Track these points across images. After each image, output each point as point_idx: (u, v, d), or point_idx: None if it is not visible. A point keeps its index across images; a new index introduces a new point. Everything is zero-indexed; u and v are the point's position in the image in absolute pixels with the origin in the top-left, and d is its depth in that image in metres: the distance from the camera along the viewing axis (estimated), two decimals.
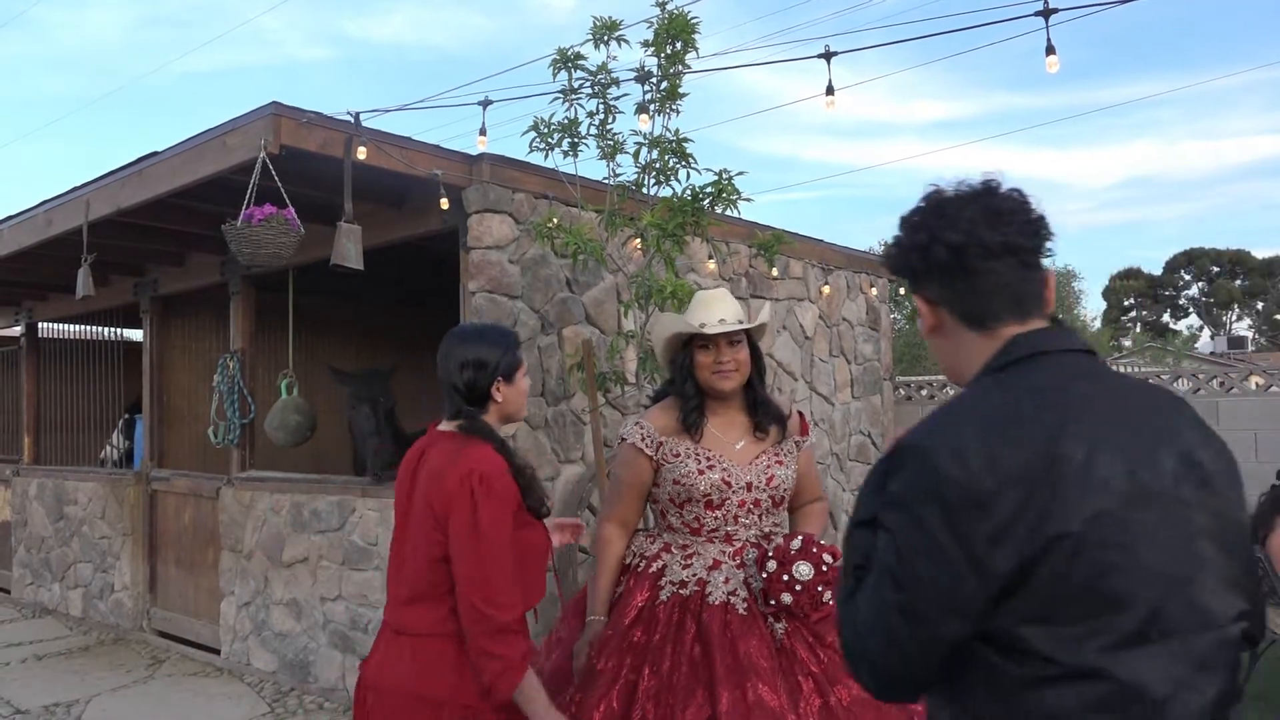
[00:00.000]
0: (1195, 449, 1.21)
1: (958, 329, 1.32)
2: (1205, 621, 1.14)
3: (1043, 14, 3.79)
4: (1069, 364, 1.24)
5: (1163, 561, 1.14)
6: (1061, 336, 1.28)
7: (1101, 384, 1.24)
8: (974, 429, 1.17)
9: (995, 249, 1.27)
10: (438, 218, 4.86)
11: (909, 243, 1.34)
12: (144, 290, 7.11)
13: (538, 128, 4.57)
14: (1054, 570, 1.11)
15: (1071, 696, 1.12)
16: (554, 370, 5.06)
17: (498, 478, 2.08)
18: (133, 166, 5.04)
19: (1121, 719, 1.11)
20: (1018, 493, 1.12)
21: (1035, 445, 1.14)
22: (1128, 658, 1.11)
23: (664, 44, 4.48)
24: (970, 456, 1.14)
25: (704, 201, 4.56)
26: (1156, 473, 1.16)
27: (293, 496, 5.59)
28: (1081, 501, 1.12)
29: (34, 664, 6.21)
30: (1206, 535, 1.17)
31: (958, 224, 1.28)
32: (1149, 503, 1.15)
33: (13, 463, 8.72)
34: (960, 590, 1.14)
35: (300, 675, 5.44)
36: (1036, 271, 1.31)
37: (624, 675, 2.31)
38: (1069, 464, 1.13)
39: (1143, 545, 1.13)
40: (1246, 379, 7.46)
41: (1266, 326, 48.31)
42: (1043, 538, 1.11)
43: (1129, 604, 1.12)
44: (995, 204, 1.29)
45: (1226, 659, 1.16)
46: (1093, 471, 1.13)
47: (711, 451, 2.53)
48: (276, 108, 4.17)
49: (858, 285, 7.91)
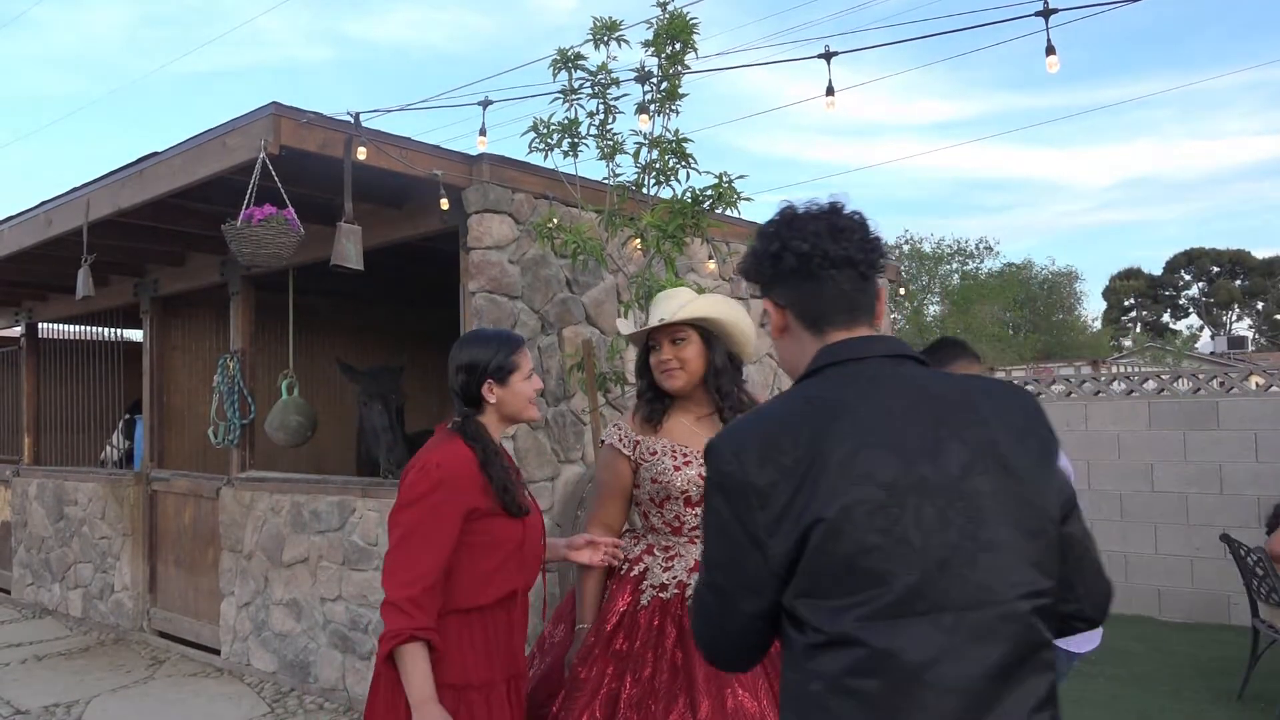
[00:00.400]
0: (1002, 443, 1.34)
1: (799, 330, 1.48)
2: (983, 598, 1.26)
3: (1043, 14, 3.80)
4: (869, 369, 1.39)
5: (934, 544, 1.27)
6: (873, 344, 1.43)
7: (893, 387, 1.37)
8: (754, 432, 1.35)
9: (836, 259, 1.44)
10: (438, 218, 4.86)
11: (763, 250, 1.50)
12: (144, 290, 7.11)
13: (537, 128, 4.57)
14: (818, 551, 1.27)
15: (836, 661, 1.27)
16: (554, 370, 5.06)
17: (447, 470, 2.20)
18: (133, 167, 5.04)
19: (878, 682, 1.24)
20: (789, 485, 1.29)
21: (802, 445, 1.31)
22: (883, 628, 1.25)
23: (664, 44, 4.49)
24: (747, 455, 1.32)
25: (704, 204, 4.56)
26: (939, 465, 1.30)
27: (293, 497, 5.59)
28: (839, 492, 1.27)
29: (34, 664, 6.21)
30: (1002, 520, 1.30)
31: (805, 235, 1.45)
32: (925, 492, 1.28)
33: (13, 463, 8.73)
34: (749, 569, 1.32)
35: (300, 675, 5.44)
36: (871, 284, 1.48)
37: (606, 684, 2.30)
38: (830, 460, 1.29)
39: (910, 529, 1.27)
40: (1246, 379, 7.46)
41: (1266, 326, 48.31)
42: (806, 523, 1.27)
43: (887, 581, 1.25)
44: (839, 221, 1.46)
45: (1010, 632, 1.27)
46: (854, 466, 1.28)
47: (688, 448, 2.52)
48: (276, 108, 4.17)
49: None
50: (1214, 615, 6.87)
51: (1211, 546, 6.71)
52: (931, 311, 26.74)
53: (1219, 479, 6.92)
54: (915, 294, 26.07)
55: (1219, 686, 5.27)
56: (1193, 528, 7.00)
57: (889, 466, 1.29)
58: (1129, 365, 22.40)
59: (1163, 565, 7.12)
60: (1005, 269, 28.74)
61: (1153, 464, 7.18)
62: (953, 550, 1.27)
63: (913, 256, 27.04)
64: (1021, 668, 1.28)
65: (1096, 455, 7.41)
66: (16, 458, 8.80)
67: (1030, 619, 1.29)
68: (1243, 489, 6.82)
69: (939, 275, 27.28)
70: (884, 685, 1.25)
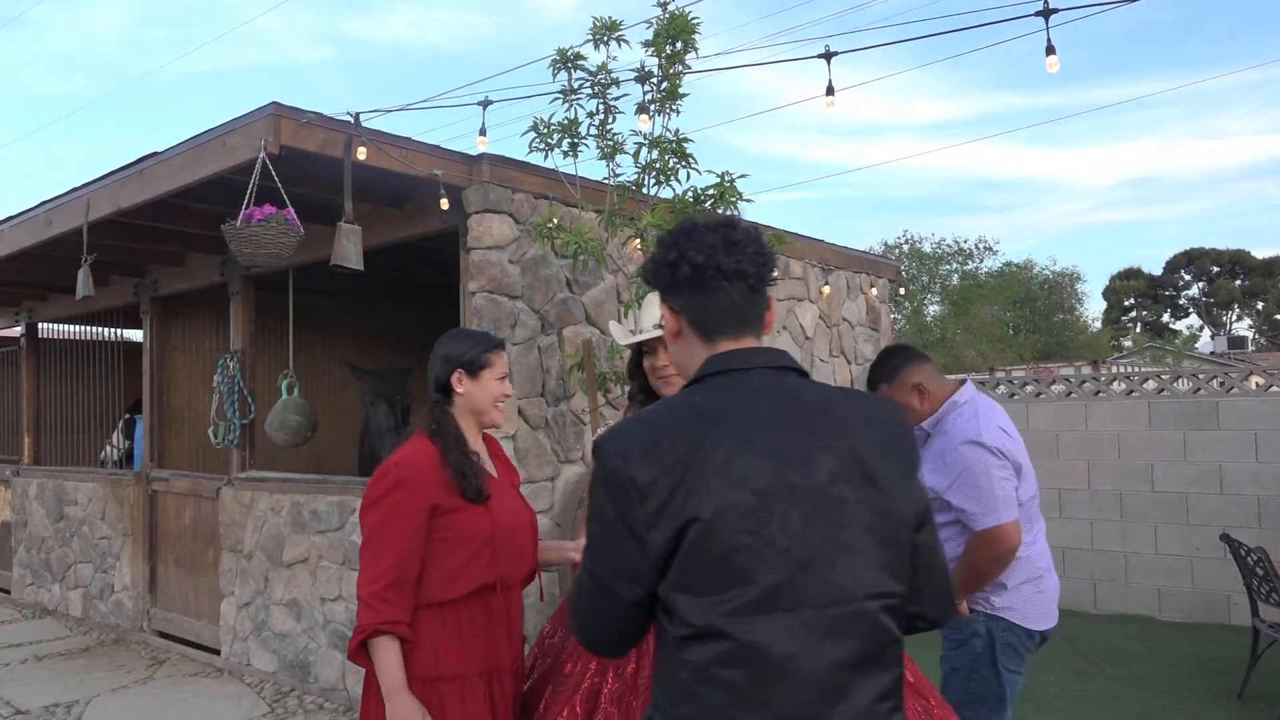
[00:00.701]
0: (867, 455, 1.44)
1: (692, 336, 1.57)
2: (839, 597, 1.38)
3: (1043, 14, 3.80)
4: (753, 380, 1.49)
5: (798, 546, 1.38)
6: (757, 355, 1.52)
7: (772, 398, 1.47)
8: (639, 433, 1.45)
9: (728, 272, 1.52)
10: (438, 218, 4.86)
11: (662, 258, 1.58)
12: (144, 290, 7.11)
13: (538, 128, 4.57)
14: (692, 548, 1.37)
15: (705, 652, 1.37)
16: (554, 370, 5.06)
17: (405, 469, 2.29)
18: (133, 167, 5.04)
19: (744, 673, 1.35)
20: (668, 484, 1.38)
21: (683, 448, 1.40)
22: (748, 622, 1.35)
23: (664, 44, 4.48)
24: (631, 454, 1.42)
25: (706, 203, 4.56)
26: (808, 474, 1.40)
27: (293, 497, 5.59)
28: (715, 494, 1.37)
29: (34, 664, 6.21)
30: (861, 527, 1.41)
31: (701, 247, 1.53)
32: (794, 498, 1.39)
33: (13, 463, 8.73)
34: (628, 558, 1.41)
35: (300, 675, 5.44)
36: (760, 297, 1.56)
37: (589, 679, 2.29)
38: (708, 463, 1.39)
39: (777, 532, 1.37)
40: (1246, 379, 7.46)
41: (1266, 326, 48.30)
42: (683, 520, 1.37)
43: (752, 579, 1.36)
44: (734, 236, 1.55)
45: (862, 629, 1.39)
46: (730, 471, 1.38)
47: None
48: (276, 108, 4.17)
49: (858, 285, 7.91)
50: (1214, 615, 6.86)
51: (1211, 546, 6.71)
52: (931, 311, 26.72)
53: (1219, 479, 6.92)
54: (915, 294, 26.05)
55: (1219, 686, 5.27)
56: (1193, 528, 6.99)
57: (762, 473, 1.39)
58: (1129, 365, 22.39)
59: (1163, 565, 7.12)
60: (1005, 269, 28.73)
61: (1153, 464, 7.18)
62: (815, 552, 1.38)
63: (913, 256, 27.03)
64: (870, 661, 1.40)
65: (1096, 455, 7.41)
66: (16, 458, 8.79)
67: (880, 618, 1.41)
68: (1243, 489, 6.82)
69: (939, 275, 27.26)
70: (748, 676, 1.36)
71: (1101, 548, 7.36)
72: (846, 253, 7.81)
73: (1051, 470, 7.57)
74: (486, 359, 2.41)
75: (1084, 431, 7.47)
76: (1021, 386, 7.98)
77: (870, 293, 8.06)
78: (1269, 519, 6.69)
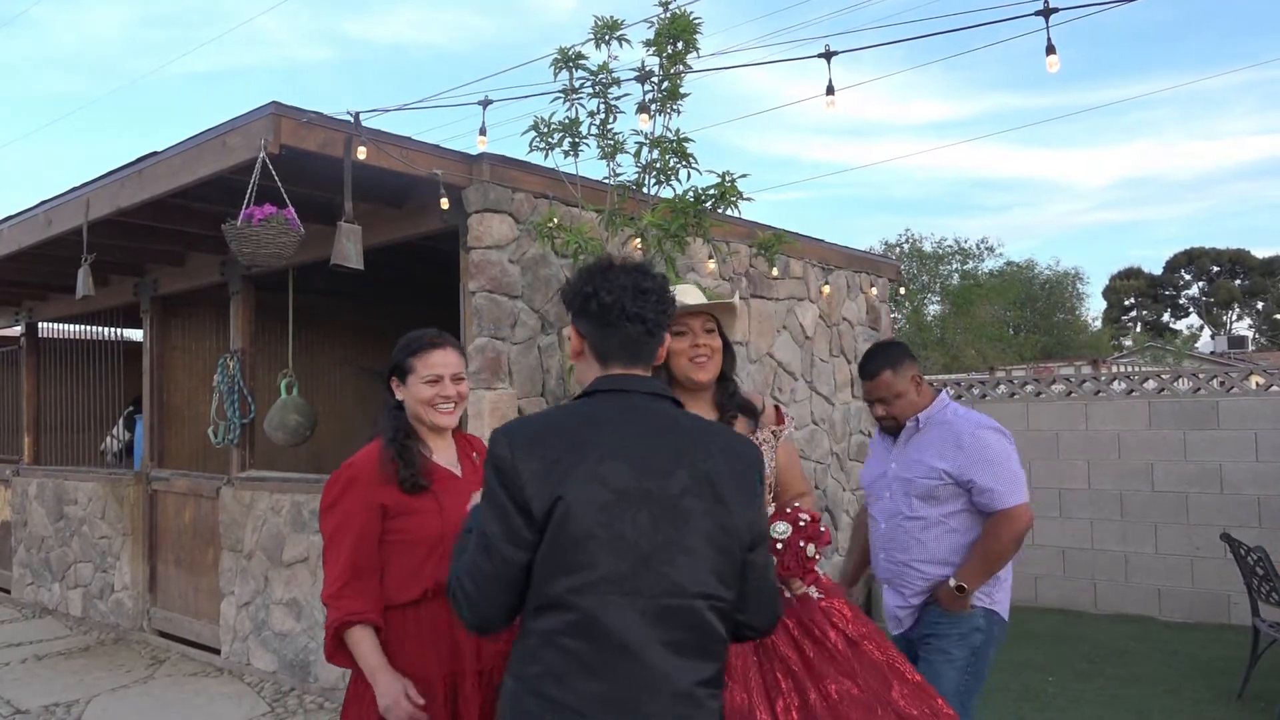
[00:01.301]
0: (718, 477, 1.68)
1: (590, 358, 1.81)
2: (671, 590, 1.61)
3: (1043, 13, 3.79)
4: (632, 401, 1.74)
5: (643, 542, 1.61)
6: (641, 382, 1.77)
7: (646, 417, 1.72)
8: (528, 429, 1.71)
9: (631, 315, 1.75)
10: (438, 218, 4.86)
11: (579, 289, 1.81)
12: (144, 290, 7.11)
13: (538, 127, 4.57)
14: (556, 527, 1.61)
15: (552, 621, 1.62)
16: (554, 370, 5.06)
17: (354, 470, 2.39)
18: (133, 166, 5.04)
19: (582, 643, 1.59)
20: (546, 472, 1.63)
21: (562, 447, 1.65)
22: (590, 600, 1.59)
23: (665, 44, 4.48)
24: (518, 447, 1.66)
25: (706, 203, 4.55)
26: (663, 484, 1.64)
27: (293, 496, 5.59)
28: (581, 486, 1.62)
29: (34, 664, 6.21)
30: (702, 535, 1.65)
31: (613, 289, 1.76)
32: (647, 502, 1.63)
33: (13, 463, 8.73)
34: (512, 526, 1.63)
35: (300, 675, 5.43)
36: (656, 338, 1.80)
37: None
38: (581, 461, 1.63)
39: (627, 528, 1.61)
40: (1246, 379, 7.46)
41: (1266, 326, 48.29)
42: (553, 498, 1.61)
43: (599, 564, 1.60)
44: (642, 284, 1.78)
45: (687, 620, 1.62)
46: (597, 470, 1.63)
47: None
48: (276, 108, 4.17)
49: (858, 285, 7.90)
50: (1214, 615, 6.86)
51: (1211, 546, 6.71)
52: (931, 311, 26.69)
53: (1219, 479, 6.92)
54: (915, 294, 26.03)
55: (1219, 686, 5.27)
56: (1193, 528, 6.99)
57: (624, 476, 1.63)
58: (1129, 365, 22.39)
59: (1163, 565, 7.12)
60: (1005, 269, 28.68)
61: (1153, 464, 7.18)
62: (657, 549, 1.62)
63: (913, 256, 26.99)
64: (693, 650, 1.63)
65: (1096, 455, 7.40)
66: (16, 457, 8.79)
67: (705, 614, 1.64)
68: (1243, 489, 6.82)
69: (939, 275, 27.22)
70: (585, 646, 1.59)
71: (1101, 548, 7.36)
72: (846, 252, 7.81)
73: (1051, 470, 7.57)
74: (409, 363, 2.49)
75: (1084, 431, 7.47)
76: (1021, 386, 7.98)
77: (870, 292, 8.06)
78: (1269, 519, 6.69)
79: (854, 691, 2.22)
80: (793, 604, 2.34)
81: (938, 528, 3.00)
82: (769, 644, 2.27)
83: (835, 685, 2.23)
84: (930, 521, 3.00)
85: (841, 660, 2.29)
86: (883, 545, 3.13)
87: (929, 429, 3.08)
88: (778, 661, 2.25)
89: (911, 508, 3.03)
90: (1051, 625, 6.89)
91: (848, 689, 2.22)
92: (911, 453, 3.09)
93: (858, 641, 2.36)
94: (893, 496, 3.11)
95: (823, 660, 2.27)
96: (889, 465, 3.17)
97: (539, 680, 1.61)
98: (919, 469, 3.03)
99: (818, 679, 2.24)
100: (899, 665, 2.39)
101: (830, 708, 2.19)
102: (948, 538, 2.99)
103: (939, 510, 2.99)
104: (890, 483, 3.13)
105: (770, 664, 2.25)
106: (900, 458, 3.13)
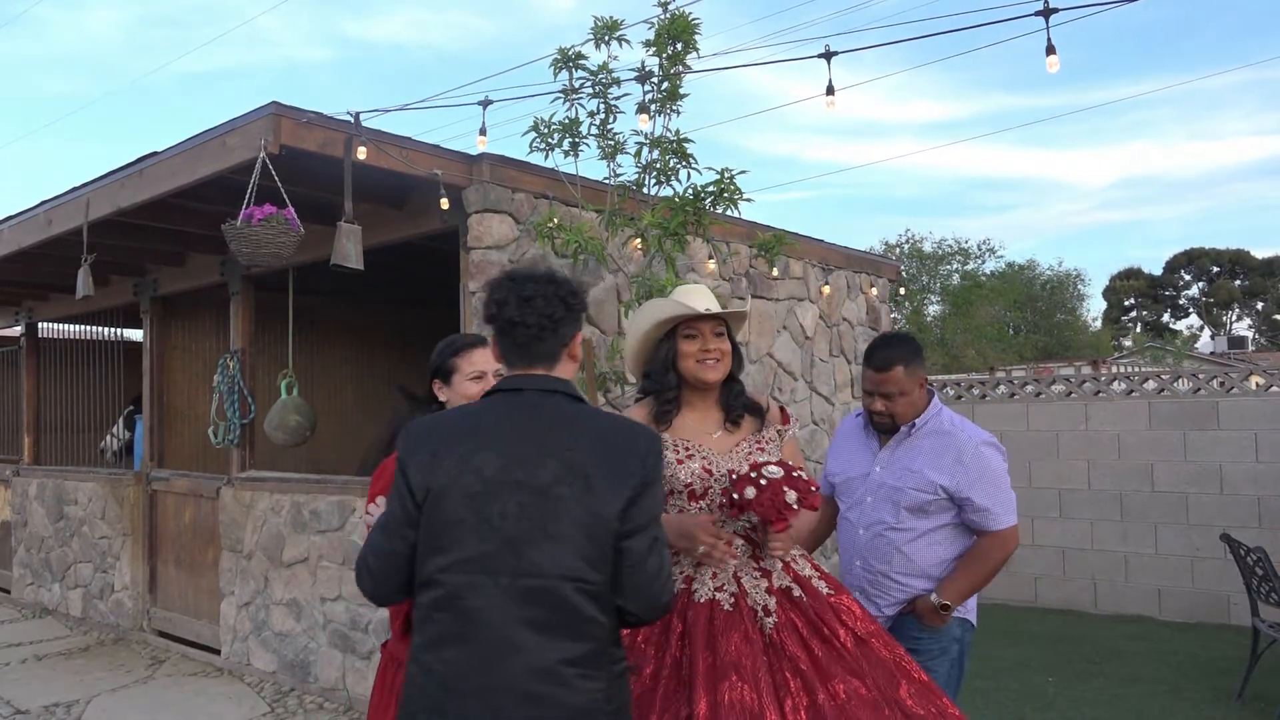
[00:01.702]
0: (587, 463, 1.81)
1: (501, 362, 2.01)
2: (533, 572, 1.76)
3: (1043, 14, 3.79)
4: (524, 398, 1.92)
5: (509, 527, 1.78)
6: (533, 380, 1.94)
7: (528, 413, 1.89)
8: (426, 428, 1.92)
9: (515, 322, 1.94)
10: (438, 218, 4.86)
11: (488, 298, 1.99)
12: (144, 290, 7.11)
13: (538, 128, 4.57)
14: (430, 510, 1.82)
15: (428, 596, 1.81)
16: None
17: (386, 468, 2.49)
18: (133, 166, 5.04)
19: (449, 616, 1.78)
20: (430, 461, 1.84)
21: (445, 442, 1.86)
22: (457, 578, 1.78)
23: (665, 44, 4.48)
24: (410, 439, 1.90)
25: (706, 201, 4.55)
26: (532, 473, 1.80)
27: (293, 496, 5.59)
28: (453, 475, 1.82)
29: (34, 664, 6.21)
30: (571, 521, 1.77)
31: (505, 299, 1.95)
32: (514, 490, 1.79)
33: (13, 463, 8.73)
34: (407, 510, 1.85)
35: (300, 675, 5.43)
36: (546, 340, 1.95)
37: None
38: (455, 454, 1.84)
39: (493, 514, 1.78)
40: (1246, 379, 7.45)
41: (1266, 326, 48.30)
42: (428, 486, 1.83)
43: (464, 547, 1.79)
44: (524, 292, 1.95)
45: (551, 600, 1.76)
46: (469, 461, 1.82)
47: (689, 441, 2.49)
48: (276, 108, 4.17)
49: (858, 285, 7.91)
50: (1214, 615, 6.86)
51: (1211, 546, 6.71)
52: (931, 311, 26.69)
53: (1219, 479, 6.92)
54: (915, 294, 26.03)
55: (1219, 686, 5.27)
56: (1193, 528, 6.99)
57: (494, 467, 1.82)
58: (1129, 365, 22.39)
59: (1163, 565, 7.12)
60: (1006, 269, 28.68)
61: (1153, 464, 7.18)
62: (523, 534, 1.77)
63: (913, 256, 26.99)
64: (557, 629, 1.75)
65: (1096, 455, 7.40)
66: (16, 457, 8.79)
67: (572, 596, 1.76)
68: (1243, 489, 6.82)
69: (939, 275, 27.22)
70: (452, 619, 1.78)
71: (1101, 548, 7.36)
72: (846, 253, 7.81)
73: (1051, 470, 7.57)
74: (452, 363, 2.59)
75: (1084, 431, 7.47)
76: (1021, 386, 7.98)
77: (870, 292, 8.07)
78: (1269, 519, 6.69)
79: (862, 691, 2.22)
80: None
81: (922, 540, 2.88)
82: (778, 643, 2.27)
83: (843, 685, 2.23)
84: (917, 534, 2.87)
85: (850, 659, 2.28)
86: (859, 553, 2.96)
87: (923, 437, 2.93)
88: (786, 660, 2.25)
89: (899, 519, 2.89)
90: (1051, 625, 6.89)
91: (855, 688, 2.22)
92: (902, 460, 2.93)
93: (866, 640, 2.36)
94: (876, 504, 2.94)
95: (831, 659, 2.27)
96: (872, 468, 2.99)
97: (419, 649, 1.82)
98: (911, 479, 2.88)
99: (826, 679, 2.23)
100: (906, 664, 2.39)
101: (838, 707, 2.18)
102: (931, 550, 2.88)
103: (927, 524, 2.87)
104: (874, 488, 2.96)
105: (780, 663, 2.24)
106: (888, 463, 2.96)
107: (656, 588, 1.84)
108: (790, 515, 2.24)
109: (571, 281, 2.02)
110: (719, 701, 2.13)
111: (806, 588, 2.41)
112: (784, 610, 2.34)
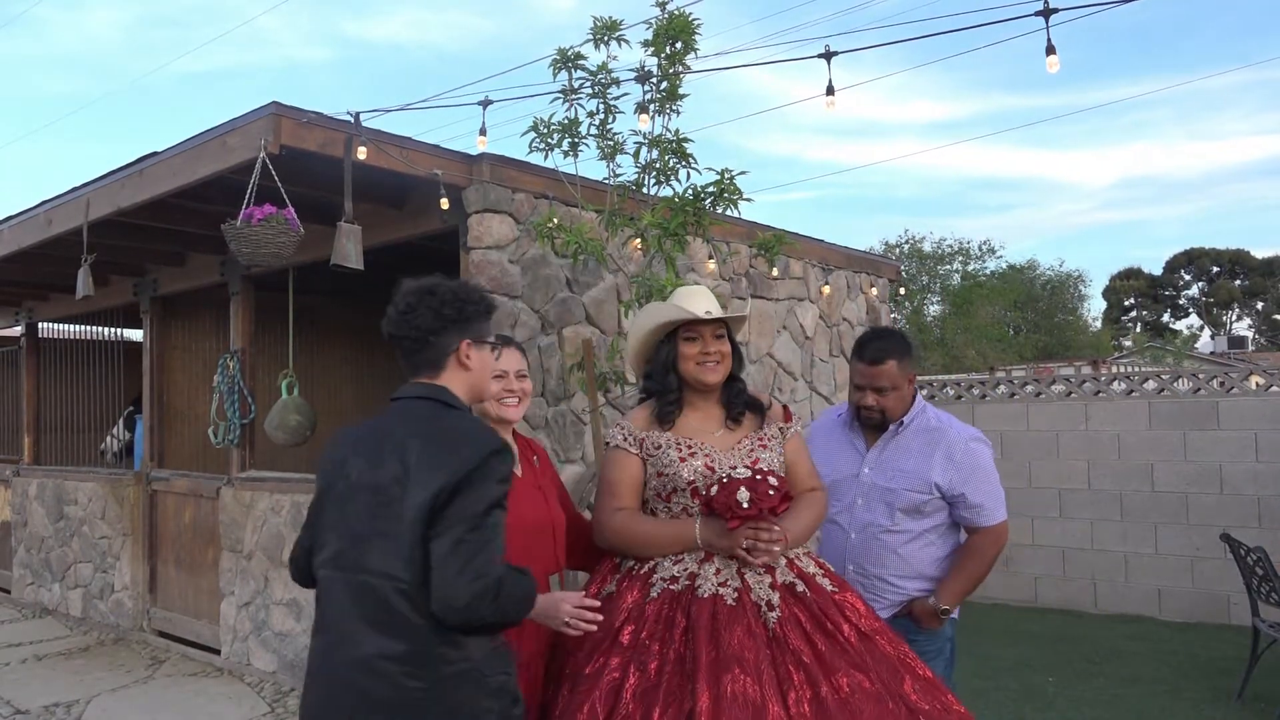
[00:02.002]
0: (413, 465, 1.90)
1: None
2: (363, 569, 1.92)
3: (1043, 14, 3.79)
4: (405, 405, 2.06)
5: (357, 525, 1.95)
6: (414, 388, 2.08)
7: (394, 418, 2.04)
8: (340, 432, 2.14)
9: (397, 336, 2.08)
10: (438, 218, 4.86)
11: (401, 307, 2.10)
12: (144, 290, 7.11)
13: (538, 128, 4.57)
14: (316, 511, 2.09)
15: (321, 586, 2.03)
16: (554, 370, 5.06)
17: None
18: (133, 166, 5.04)
19: (317, 608, 2.03)
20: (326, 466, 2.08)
21: (340, 446, 2.08)
22: (325, 573, 2.02)
23: (664, 44, 4.48)
24: (328, 444, 2.14)
25: (705, 201, 4.55)
26: (377, 474, 1.95)
27: (293, 496, 5.59)
28: (329, 479, 2.06)
29: (34, 664, 6.21)
30: (396, 519, 1.89)
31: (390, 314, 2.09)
32: (368, 490, 1.95)
33: (13, 463, 8.72)
34: (310, 510, 2.12)
35: (300, 675, 5.43)
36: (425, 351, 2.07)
37: (608, 675, 2.28)
38: (338, 457, 2.06)
39: (350, 513, 1.97)
40: (1246, 379, 7.45)
41: (1266, 326, 48.31)
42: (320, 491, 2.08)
43: (329, 544, 2.01)
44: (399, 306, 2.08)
45: (373, 598, 1.90)
46: (343, 465, 2.03)
47: (692, 439, 2.51)
48: (276, 108, 4.17)
49: (858, 285, 7.91)
50: (1214, 615, 6.86)
51: (1211, 546, 6.71)
52: (931, 311, 26.69)
53: (1219, 479, 6.92)
54: (915, 294, 26.01)
55: (1219, 686, 5.27)
56: (1193, 528, 6.99)
57: (356, 469, 1.99)
58: (1129, 365, 22.39)
59: (1163, 565, 7.12)
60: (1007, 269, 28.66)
61: (1153, 464, 7.18)
62: (365, 532, 1.93)
63: (913, 256, 26.97)
64: (380, 626, 1.88)
65: (1096, 455, 7.40)
66: (16, 457, 8.79)
67: (389, 595, 1.88)
68: (1243, 489, 6.82)
69: (939, 275, 27.21)
70: (320, 610, 2.02)
71: (1101, 548, 7.36)
72: (846, 253, 7.81)
73: (1051, 470, 7.57)
74: None
75: (1084, 431, 7.47)
76: (1021, 386, 7.98)
77: (870, 292, 8.07)
78: (1269, 519, 6.69)
79: (865, 685, 2.23)
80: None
81: (918, 541, 2.84)
82: (781, 637, 2.28)
83: (846, 678, 2.23)
84: (911, 536, 2.84)
85: (854, 654, 2.29)
86: (851, 557, 2.89)
87: (910, 435, 2.89)
88: (789, 654, 2.25)
89: (894, 520, 2.84)
90: (1051, 625, 6.89)
91: (859, 682, 2.23)
92: (892, 459, 2.88)
93: (870, 635, 2.36)
94: (867, 505, 2.89)
95: (834, 653, 2.27)
96: (860, 468, 2.93)
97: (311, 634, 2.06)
98: (903, 479, 2.84)
99: (829, 672, 2.24)
100: (910, 660, 2.39)
101: (841, 701, 2.19)
102: (925, 551, 2.85)
103: (922, 524, 2.84)
104: (864, 489, 2.90)
105: (783, 657, 2.25)
106: (877, 463, 2.91)
107: (452, 591, 1.83)
108: (741, 512, 2.28)
109: (456, 290, 2.10)
110: (721, 694, 2.13)
111: (810, 584, 2.41)
112: (787, 605, 2.35)
